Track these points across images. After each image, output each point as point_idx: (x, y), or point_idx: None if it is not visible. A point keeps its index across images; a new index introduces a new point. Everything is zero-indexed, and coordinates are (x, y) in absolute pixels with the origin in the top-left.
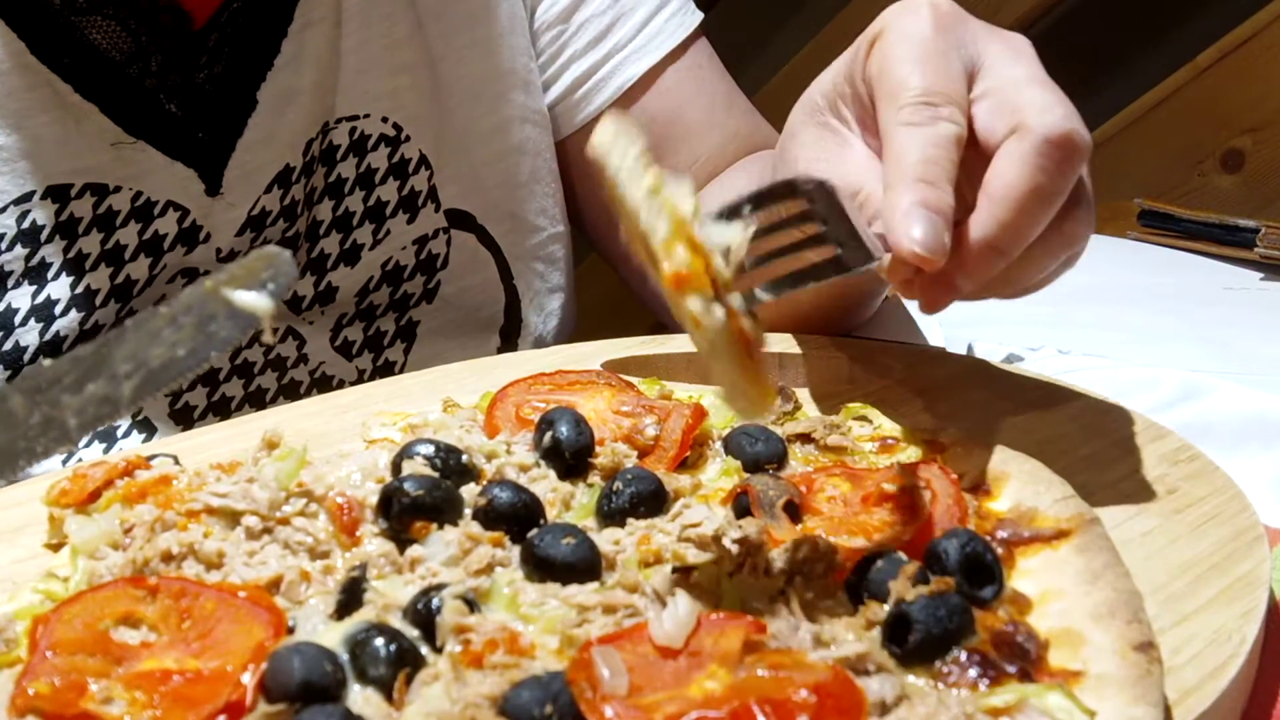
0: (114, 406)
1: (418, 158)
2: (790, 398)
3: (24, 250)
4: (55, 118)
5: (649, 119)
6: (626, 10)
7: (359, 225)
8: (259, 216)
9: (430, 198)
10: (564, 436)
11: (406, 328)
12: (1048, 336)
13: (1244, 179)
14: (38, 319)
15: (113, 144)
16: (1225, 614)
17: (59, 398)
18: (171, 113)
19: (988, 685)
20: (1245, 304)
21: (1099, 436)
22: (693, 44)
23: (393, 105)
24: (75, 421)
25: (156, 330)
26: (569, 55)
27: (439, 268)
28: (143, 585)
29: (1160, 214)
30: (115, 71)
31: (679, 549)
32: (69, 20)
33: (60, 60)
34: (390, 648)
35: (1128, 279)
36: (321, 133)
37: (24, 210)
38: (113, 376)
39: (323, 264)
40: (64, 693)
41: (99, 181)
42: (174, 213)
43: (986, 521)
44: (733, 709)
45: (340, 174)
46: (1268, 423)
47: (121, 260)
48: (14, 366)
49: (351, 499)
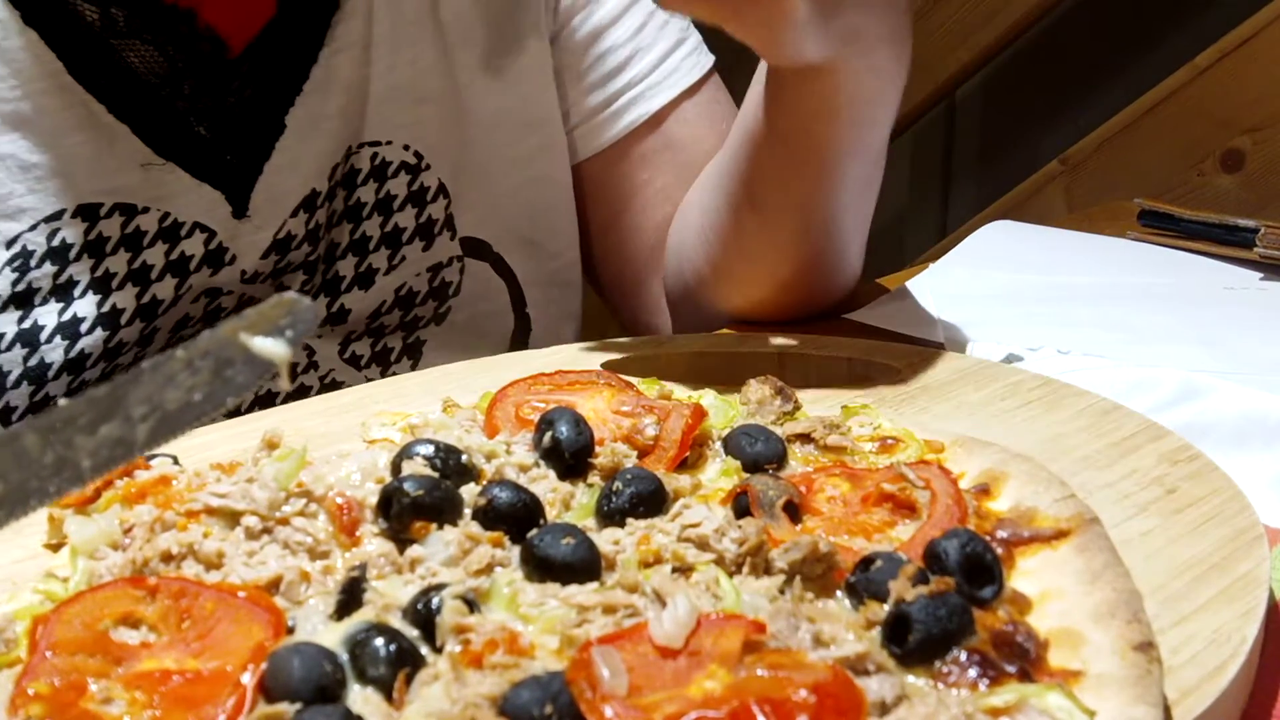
0: (128, 449)
1: (436, 186)
2: (790, 398)
3: (53, 268)
4: (89, 137)
5: (660, 147)
6: (645, 46)
7: (375, 250)
8: (284, 240)
9: (446, 226)
10: (564, 436)
11: (413, 345)
12: (1048, 336)
13: (1244, 179)
14: (63, 336)
15: (142, 165)
16: (1225, 614)
17: (73, 438)
18: (201, 135)
19: (988, 685)
20: (1245, 304)
21: (1099, 436)
22: (707, 82)
23: (415, 134)
24: (89, 463)
25: (173, 374)
26: (585, 85)
27: (451, 295)
28: (142, 585)
29: (1160, 214)
30: (149, 93)
31: (679, 549)
32: (108, 42)
33: (96, 81)
34: (390, 648)
35: (1128, 279)
36: (345, 157)
37: (54, 228)
38: (128, 419)
39: (336, 286)
40: (64, 693)
41: (128, 201)
42: (201, 234)
43: (986, 521)
44: (732, 709)
45: (359, 198)
46: (1268, 423)
47: (148, 280)
48: (38, 383)
49: (351, 499)
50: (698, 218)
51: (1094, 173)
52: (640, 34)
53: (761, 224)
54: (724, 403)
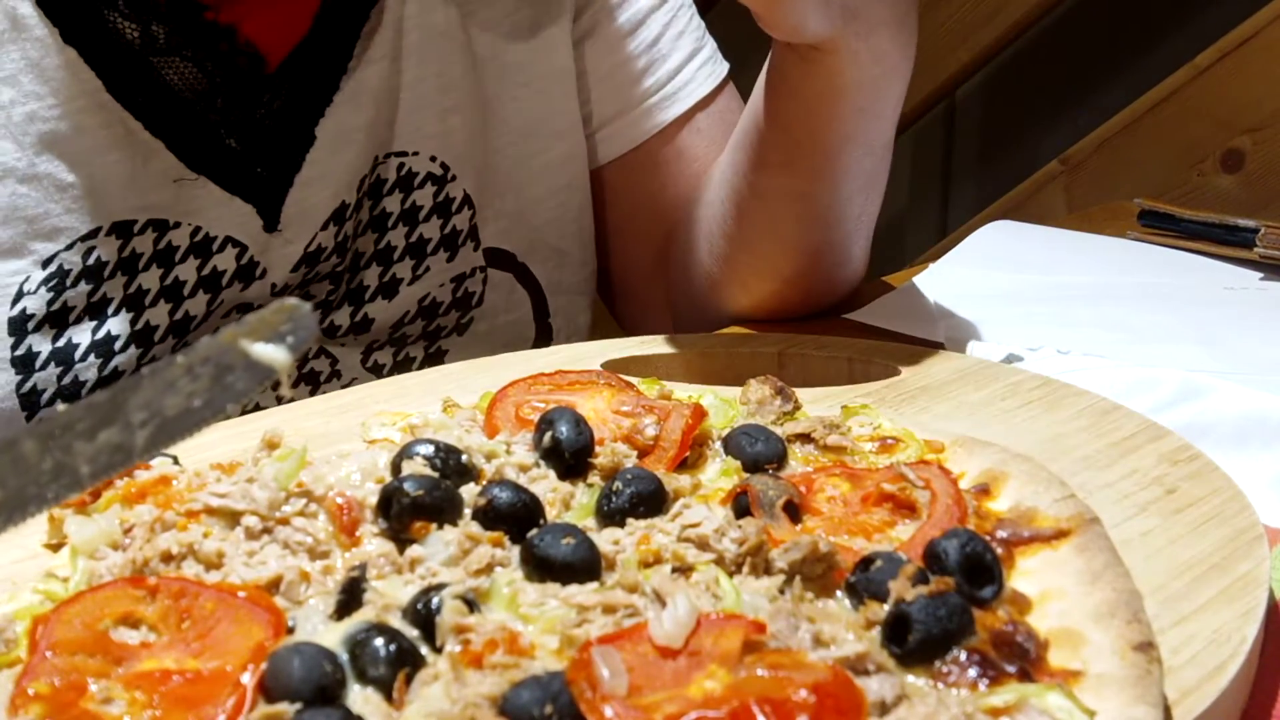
0: (127, 455)
1: (461, 197)
2: (790, 398)
3: (87, 286)
4: (125, 155)
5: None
6: (661, 56)
7: (399, 260)
8: (314, 253)
9: (470, 237)
10: (564, 436)
11: (435, 355)
12: (1048, 336)
13: (1244, 179)
14: (97, 355)
15: (175, 180)
16: (1225, 614)
17: (72, 444)
18: (232, 148)
19: (987, 685)
20: (1245, 304)
21: (1099, 436)
22: (721, 92)
23: (442, 145)
24: (87, 469)
25: (173, 380)
26: (600, 93)
27: (474, 305)
28: (142, 585)
29: (1160, 214)
30: (184, 109)
31: (679, 549)
32: (147, 60)
33: (135, 99)
34: (390, 648)
35: (1128, 279)
36: (371, 168)
37: (89, 246)
38: (127, 425)
39: (360, 295)
40: (64, 693)
41: (160, 217)
42: (232, 249)
43: (986, 521)
44: (732, 709)
45: (385, 208)
46: (1268, 423)
47: (180, 296)
48: (72, 402)
49: (351, 499)
50: (703, 214)
51: (1094, 173)
52: (657, 45)
53: (764, 213)
54: (724, 403)
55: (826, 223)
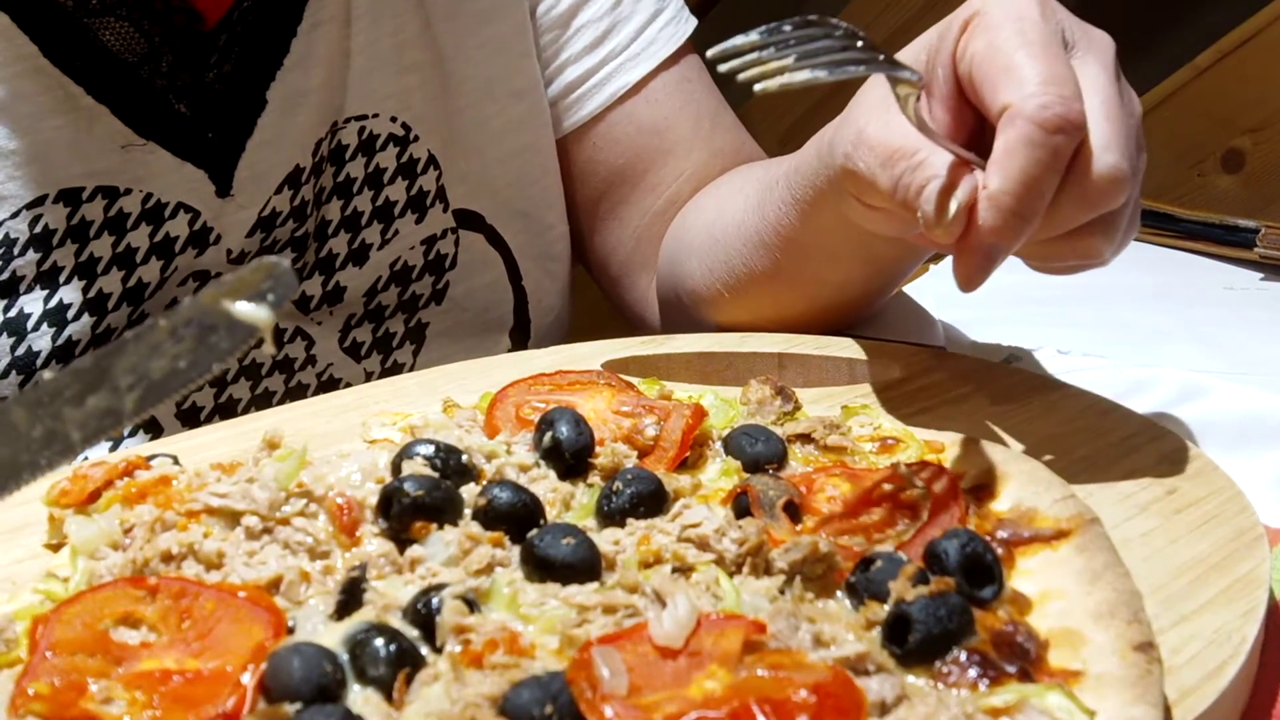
0: (116, 419)
1: (426, 157)
2: (790, 398)
3: (36, 255)
4: (68, 121)
5: (635, 129)
6: (623, 17)
7: (367, 225)
8: (269, 217)
9: (439, 198)
10: (564, 436)
11: (415, 329)
12: (1048, 336)
13: (1244, 179)
14: (50, 324)
15: (123, 146)
16: (1225, 614)
17: (61, 410)
18: (181, 113)
19: (988, 685)
20: (1245, 304)
21: (1099, 436)
22: (684, 56)
23: (401, 105)
24: (78, 435)
25: (157, 343)
26: (565, 58)
27: (447, 268)
28: (143, 585)
29: (1160, 214)
30: (127, 73)
31: (679, 549)
32: (81, 22)
33: (73, 63)
34: (390, 648)
35: (1128, 279)
36: (330, 132)
37: (36, 214)
38: (115, 389)
39: (331, 264)
40: (64, 693)
41: (110, 184)
42: (185, 214)
43: (986, 521)
44: (732, 709)
45: (349, 174)
46: (1268, 423)
47: (133, 263)
48: (26, 372)
49: (351, 499)
50: (702, 244)
51: None
52: (619, 7)
53: (773, 286)
54: (724, 403)
55: (839, 303)
